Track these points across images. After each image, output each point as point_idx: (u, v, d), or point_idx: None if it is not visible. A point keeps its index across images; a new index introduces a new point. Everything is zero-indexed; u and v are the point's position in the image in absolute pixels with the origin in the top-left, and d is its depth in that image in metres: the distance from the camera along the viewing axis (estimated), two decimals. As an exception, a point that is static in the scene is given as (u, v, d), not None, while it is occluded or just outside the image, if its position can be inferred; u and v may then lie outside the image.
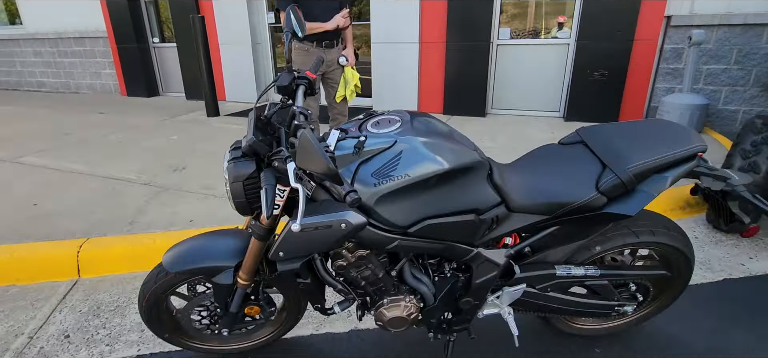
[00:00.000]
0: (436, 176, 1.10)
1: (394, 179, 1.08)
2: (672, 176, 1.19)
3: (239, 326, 1.48)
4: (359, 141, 1.12)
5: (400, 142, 1.11)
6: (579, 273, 1.37)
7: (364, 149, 1.11)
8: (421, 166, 1.09)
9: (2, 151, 4.05)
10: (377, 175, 1.09)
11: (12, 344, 1.75)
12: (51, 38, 7.94)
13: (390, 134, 1.14)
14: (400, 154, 1.10)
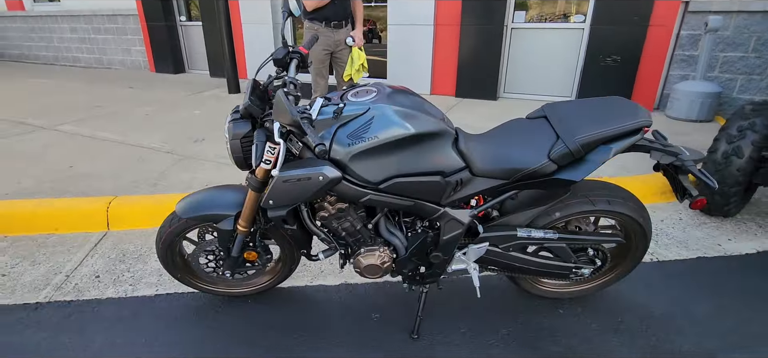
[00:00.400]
0: (403, 139, 1.27)
1: (365, 140, 1.26)
2: (616, 148, 1.32)
3: (240, 270, 1.71)
4: (338, 107, 1.30)
5: (373, 109, 1.29)
6: (538, 236, 1.52)
7: (342, 114, 1.29)
8: (389, 130, 1.26)
9: (43, 120, 4.43)
10: (351, 136, 1.27)
11: (52, 279, 2.04)
12: (86, 15, 8.37)
13: (365, 103, 1.31)
14: (372, 119, 1.27)
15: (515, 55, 5.18)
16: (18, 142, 3.73)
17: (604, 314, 1.78)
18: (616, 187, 1.59)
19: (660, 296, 1.89)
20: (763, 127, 2.18)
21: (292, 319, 1.77)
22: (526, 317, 1.77)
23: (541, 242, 1.54)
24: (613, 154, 1.32)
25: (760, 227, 2.43)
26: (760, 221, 2.48)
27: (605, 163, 1.38)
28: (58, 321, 1.78)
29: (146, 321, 1.77)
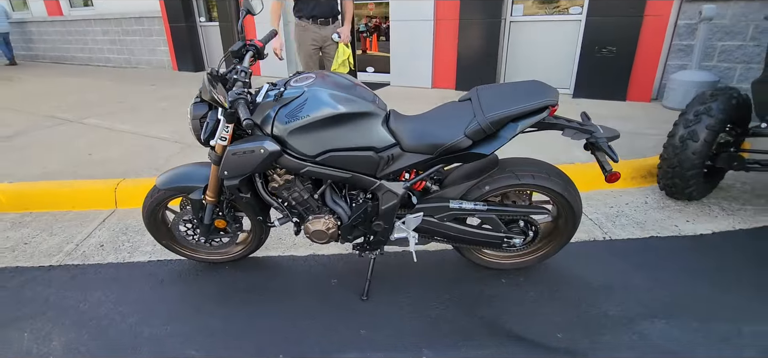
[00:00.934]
0: (333, 117, 1.47)
1: (300, 118, 1.47)
2: (522, 124, 1.47)
3: (213, 237, 1.95)
4: (279, 91, 1.51)
5: (308, 92, 1.49)
6: (469, 207, 1.69)
7: (282, 97, 1.51)
8: (321, 110, 1.46)
9: (71, 114, 4.87)
10: (289, 116, 1.48)
11: (64, 247, 2.35)
12: (116, 18, 8.96)
13: (302, 87, 1.52)
14: (306, 100, 1.48)
15: (514, 47, 5.26)
16: (48, 134, 4.15)
17: (543, 284, 1.92)
18: (543, 163, 1.74)
19: (601, 270, 2.01)
20: (718, 112, 2.24)
21: (262, 282, 2.01)
22: (469, 285, 1.93)
23: (472, 213, 1.70)
24: (519, 130, 1.47)
25: (724, 210, 2.48)
26: (725, 205, 2.53)
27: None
28: (65, 281, 2.08)
29: (138, 282, 2.04)
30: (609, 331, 1.65)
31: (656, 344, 1.58)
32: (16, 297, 1.96)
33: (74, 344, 1.67)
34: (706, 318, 1.69)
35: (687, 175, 2.34)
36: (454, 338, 1.64)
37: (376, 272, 2.01)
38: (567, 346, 1.58)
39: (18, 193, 2.83)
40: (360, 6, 6.15)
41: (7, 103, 5.72)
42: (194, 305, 1.87)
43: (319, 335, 1.67)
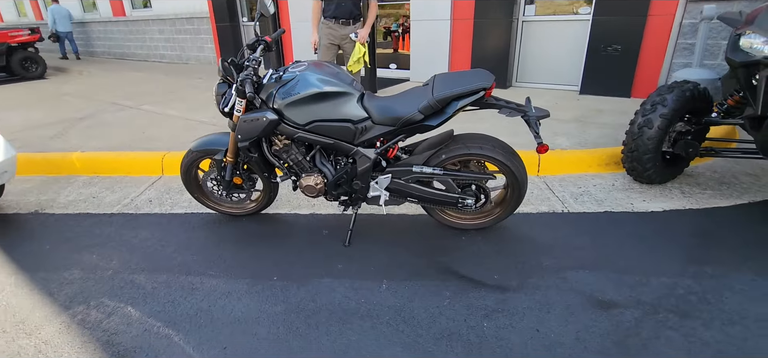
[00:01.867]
0: (316, 94, 1.93)
1: (293, 95, 1.95)
2: (462, 103, 1.87)
3: (232, 192, 2.47)
4: (279, 75, 2.00)
5: (299, 76, 1.97)
6: (428, 171, 2.10)
7: (281, 79, 1.99)
8: (308, 89, 1.93)
9: (130, 102, 5.67)
10: (285, 93, 1.96)
11: (122, 201, 2.98)
12: (170, 19, 9.93)
13: (295, 71, 1.99)
14: (298, 81, 1.95)
15: (526, 46, 5.52)
16: (111, 116, 4.92)
17: (496, 242, 2.29)
18: (492, 138, 2.12)
19: (551, 234, 2.35)
20: (672, 102, 2.50)
21: (268, 230, 2.51)
22: (432, 240, 2.34)
23: (430, 176, 2.11)
24: (459, 107, 1.88)
25: (683, 193, 2.72)
26: (686, 189, 2.77)
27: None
28: (121, 223, 2.68)
29: (175, 227, 2.61)
30: (537, 275, 2.01)
31: (573, 286, 1.92)
32: (88, 233, 2.58)
33: (127, 263, 2.24)
34: (623, 270, 2.01)
35: (643, 158, 2.61)
36: (409, 274, 2.06)
37: (361, 228, 2.46)
38: (498, 284, 1.96)
39: (89, 160, 3.52)
40: (398, 6, 6.60)
41: (79, 93, 6.66)
42: (215, 244, 2.40)
43: (305, 267, 2.14)
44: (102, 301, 1.96)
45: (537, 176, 3.07)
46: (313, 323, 1.77)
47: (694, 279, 1.94)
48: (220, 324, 1.79)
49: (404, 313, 1.82)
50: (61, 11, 11.14)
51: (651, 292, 1.87)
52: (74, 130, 4.40)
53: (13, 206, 2.98)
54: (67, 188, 3.27)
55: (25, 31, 9.15)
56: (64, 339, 1.74)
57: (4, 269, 2.25)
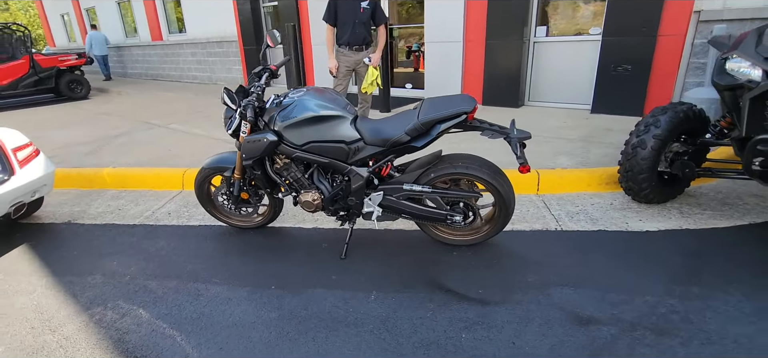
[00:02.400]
0: (312, 118, 2.10)
1: (290, 118, 2.13)
2: (445, 125, 1.99)
3: (241, 207, 2.66)
4: (279, 100, 2.19)
5: (297, 101, 2.15)
6: (417, 189, 2.22)
7: (281, 104, 2.18)
8: (304, 113, 2.11)
9: (160, 121, 6.07)
10: (284, 117, 2.14)
11: (144, 213, 3.23)
12: (202, 42, 10.54)
13: (294, 97, 2.18)
14: (296, 106, 2.13)
15: (538, 66, 5.58)
16: (142, 134, 5.30)
17: (485, 257, 2.37)
18: (478, 158, 2.22)
19: (541, 251, 2.41)
20: (666, 123, 2.53)
21: (272, 242, 2.68)
22: (424, 254, 2.44)
23: (420, 194, 2.23)
24: (442, 130, 2.00)
25: (682, 213, 2.72)
26: (685, 209, 2.76)
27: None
28: (142, 233, 2.92)
29: (189, 238, 2.82)
30: (521, 291, 2.07)
31: (555, 302, 1.98)
32: (112, 242, 2.83)
33: (143, 269, 2.46)
34: (608, 288, 2.04)
35: (638, 178, 2.63)
36: (398, 286, 2.17)
37: (358, 242, 2.59)
38: (481, 298, 2.04)
39: (118, 175, 3.83)
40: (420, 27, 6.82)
41: (117, 112, 7.17)
42: (223, 254, 2.58)
43: (302, 277, 2.29)
44: (118, 303, 2.16)
45: (535, 195, 3.13)
46: (303, 329, 1.91)
47: (679, 299, 1.96)
48: (219, 327, 1.95)
49: (388, 322, 1.92)
50: (98, 37, 12.20)
51: (632, 310, 1.91)
52: (108, 148, 4.78)
53: (50, 216, 3.29)
54: (98, 200, 3.57)
55: (73, 56, 9.93)
56: (82, 336, 1.94)
57: (38, 272, 2.51)
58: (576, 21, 5.26)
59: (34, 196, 2.95)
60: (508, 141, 2.00)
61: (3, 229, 3.10)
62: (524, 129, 2.03)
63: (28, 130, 6.01)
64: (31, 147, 2.99)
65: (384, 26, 4.16)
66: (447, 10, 5.86)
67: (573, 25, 5.28)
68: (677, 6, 4.28)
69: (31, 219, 3.26)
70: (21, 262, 2.63)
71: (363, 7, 3.94)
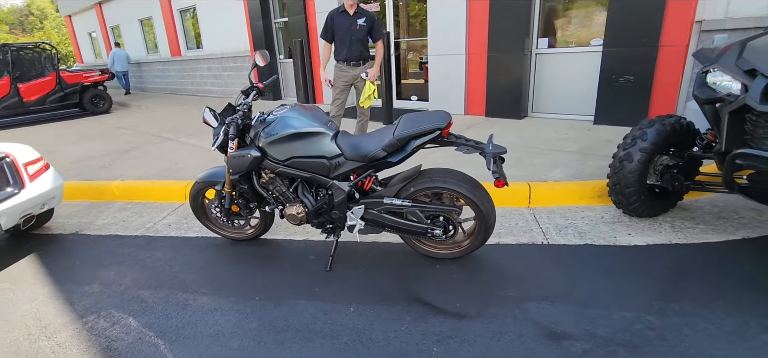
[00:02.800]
0: (293, 134, 2.18)
1: (273, 135, 2.21)
2: (419, 141, 2.03)
3: (233, 219, 2.75)
4: (263, 117, 2.27)
5: (279, 118, 2.23)
6: (397, 203, 2.26)
7: (265, 121, 2.26)
8: (285, 130, 2.19)
9: (172, 134, 6.29)
10: (267, 133, 2.23)
11: (146, 225, 3.37)
12: (217, 57, 10.87)
13: (276, 114, 2.26)
14: (278, 123, 2.22)
15: (541, 78, 5.56)
16: (153, 148, 5.51)
17: (467, 271, 2.38)
18: (457, 172, 2.25)
19: (523, 265, 2.41)
20: (653, 136, 2.51)
21: (263, 253, 2.76)
22: (407, 268, 2.47)
23: (400, 208, 2.27)
24: (417, 145, 2.04)
25: (674, 227, 2.67)
26: (678, 223, 2.71)
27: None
28: (142, 244, 3.04)
29: (185, 248, 2.93)
30: (498, 305, 2.08)
31: (531, 316, 1.98)
32: (113, 252, 2.96)
33: (138, 279, 2.56)
34: (586, 303, 2.03)
35: (626, 192, 2.61)
36: (377, 299, 2.20)
37: (344, 255, 2.64)
38: (458, 311, 2.06)
39: (125, 188, 3.99)
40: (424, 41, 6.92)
41: (133, 126, 7.47)
42: (214, 265, 2.67)
43: (286, 288, 2.35)
44: (110, 312, 2.27)
45: (526, 208, 3.12)
46: (280, 340, 1.96)
47: (658, 315, 1.94)
48: (202, 337, 2.03)
49: (364, 334, 1.96)
50: (121, 54, 12.90)
51: (608, 326, 1.89)
52: (120, 161, 4.99)
53: (59, 227, 3.46)
54: (105, 212, 3.73)
55: (96, 72, 10.39)
56: (74, 343, 2.05)
57: (41, 280, 2.65)
58: (577, 32, 5.24)
59: (44, 208, 3.11)
60: (483, 155, 2.03)
61: (13, 239, 3.28)
62: (521, 141, 2.07)
63: (49, 144, 6.34)
64: (41, 161, 3.16)
65: (381, 41, 4.25)
66: (449, 23, 5.92)
67: (574, 36, 5.26)
68: (678, 16, 4.23)
69: (41, 230, 3.43)
70: (27, 271, 2.78)
71: (359, 24, 4.03)
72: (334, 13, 4.08)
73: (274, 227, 3.02)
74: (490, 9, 5.48)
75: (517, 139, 4.63)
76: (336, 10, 4.09)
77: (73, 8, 17.74)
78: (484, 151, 2.04)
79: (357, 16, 4.05)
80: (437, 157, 2.73)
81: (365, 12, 4.13)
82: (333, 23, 4.06)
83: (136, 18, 13.85)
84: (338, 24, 4.04)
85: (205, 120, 2.33)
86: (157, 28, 12.89)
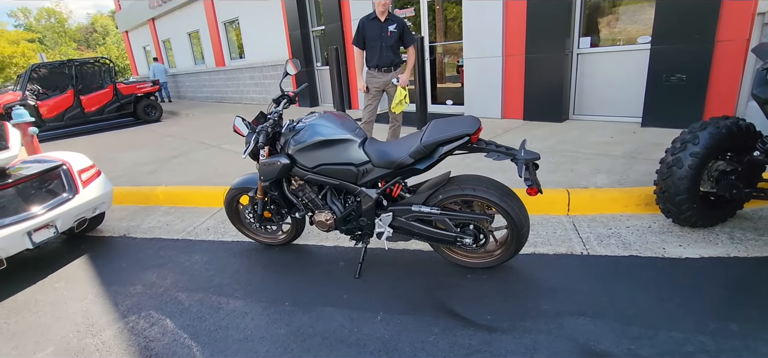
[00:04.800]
0: (321, 142, 2.19)
1: (302, 142, 2.23)
2: (447, 147, 1.97)
3: (264, 224, 2.80)
4: (293, 125, 2.30)
5: (308, 126, 2.25)
6: (426, 210, 2.21)
7: (294, 129, 2.29)
8: (313, 137, 2.20)
9: (214, 141, 6.57)
10: (296, 141, 2.26)
11: (187, 229, 3.51)
12: (258, 66, 11.26)
13: (306, 122, 2.28)
14: (306, 130, 2.24)
15: (583, 79, 5.31)
16: (196, 155, 5.76)
17: (500, 281, 2.29)
18: (487, 179, 2.17)
19: (560, 277, 2.28)
20: (705, 140, 2.30)
21: (293, 259, 2.79)
22: (437, 277, 2.40)
23: (428, 215, 2.22)
24: (445, 152, 1.99)
25: (732, 238, 2.44)
26: (738, 234, 2.47)
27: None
28: (182, 247, 3.17)
29: (221, 252, 3.02)
30: (531, 319, 1.98)
31: (567, 332, 1.87)
32: (156, 255, 3.11)
33: (176, 282, 2.67)
34: (629, 320, 1.89)
35: (676, 200, 2.41)
36: (405, 308, 2.16)
37: (374, 262, 2.62)
38: (489, 324, 1.98)
39: (169, 193, 4.19)
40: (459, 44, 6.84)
41: (180, 134, 7.86)
42: (247, 269, 2.74)
43: (315, 295, 2.36)
44: (150, 313, 2.37)
45: (565, 216, 2.97)
46: (306, 347, 1.97)
47: (712, 336, 1.77)
48: (232, 340, 2.07)
49: (389, 345, 1.93)
50: (160, 68, 14.44)
51: (654, 346, 1.75)
52: (166, 167, 5.26)
53: (109, 230, 3.69)
54: (151, 216, 3.93)
55: (148, 83, 11.09)
56: (116, 342, 2.15)
57: (92, 281, 2.82)
58: (622, 30, 4.96)
59: (95, 212, 3.32)
60: (514, 162, 1.94)
61: (69, 241, 3.52)
62: (561, 145, 1.97)
63: (104, 152, 6.81)
64: (93, 168, 3.38)
65: (413, 47, 4.21)
66: (485, 25, 5.79)
67: (619, 34, 4.98)
68: (736, 8, 3.89)
69: (94, 232, 3.67)
70: (80, 271, 2.97)
71: (390, 30, 4.02)
72: (365, 20, 4.10)
73: (306, 233, 3.05)
74: (527, 9, 5.31)
75: (556, 143, 4.43)
76: (367, 17, 4.11)
77: (129, 24, 19.04)
78: (516, 157, 1.95)
79: (388, 22, 4.04)
80: (476, 164, 2.65)
81: (396, 18, 4.12)
82: (364, 30, 4.08)
83: (185, 31, 14.64)
84: (369, 31, 4.06)
85: (236, 128, 2.40)
86: (204, 40, 13.55)
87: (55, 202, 2.99)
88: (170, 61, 16.96)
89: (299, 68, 2.64)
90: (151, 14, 15.91)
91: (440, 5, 6.82)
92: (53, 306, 2.55)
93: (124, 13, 19.13)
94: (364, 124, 4.27)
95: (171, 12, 14.82)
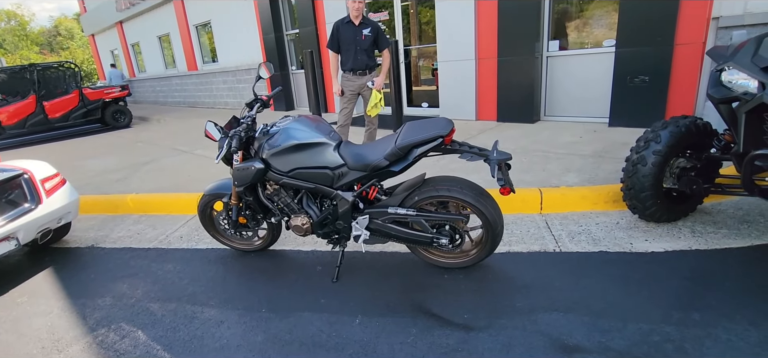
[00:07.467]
0: (295, 145, 2.18)
1: (276, 147, 2.21)
2: (421, 149, 2.00)
3: (239, 230, 2.76)
4: (267, 129, 2.28)
5: (281, 130, 2.23)
6: (402, 212, 2.22)
7: (268, 133, 2.27)
8: (287, 141, 2.19)
9: (186, 147, 6.41)
10: (270, 145, 2.23)
11: (159, 237, 3.42)
12: (232, 70, 11.07)
13: (280, 126, 2.26)
14: (280, 134, 2.22)
15: (553, 81, 5.46)
16: (168, 161, 5.61)
17: (476, 280, 2.33)
18: (461, 180, 2.21)
19: (533, 274, 2.34)
20: (667, 137, 2.41)
21: (270, 265, 2.76)
22: (415, 278, 2.42)
23: (405, 217, 2.23)
24: (419, 154, 2.01)
25: (694, 232, 2.56)
26: (698, 228, 2.60)
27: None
28: (154, 257, 3.08)
29: (196, 260, 2.95)
30: (507, 316, 2.02)
31: (541, 328, 1.91)
32: (126, 265, 3.01)
33: (148, 292, 2.59)
34: (599, 314, 1.95)
35: (641, 196, 2.51)
36: (384, 310, 2.17)
37: (352, 265, 2.62)
38: (465, 323, 2.00)
39: (140, 201, 4.07)
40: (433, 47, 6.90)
41: (150, 140, 7.64)
42: (222, 276, 2.68)
43: (292, 300, 2.33)
44: (120, 325, 2.29)
45: (538, 214, 3.05)
46: (284, 353, 1.95)
47: (677, 326, 1.85)
48: (207, 350, 2.02)
49: (368, 347, 1.93)
50: (116, 73, 14.13)
51: (623, 338, 1.81)
52: (136, 174, 5.10)
53: (76, 240, 3.54)
54: (120, 225, 3.80)
55: (117, 88, 10.72)
56: (84, 357, 2.07)
57: (57, 294, 2.70)
58: (589, 34, 5.14)
59: (60, 222, 3.19)
60: (487, 162, 1.98)
61: (32, 254, 3.37)
62: (533, 146, 2.00)
63: (70, 159, 6.54)
64: (58, 177, 3.25)
65: (388, 51, 4.24)
66: (458, 29, 5.88)
67: (586, 37, 5.16)
68: (693, 13, 4.09)
69: (59, 244, 3.52)
70: (44, 285, 2.84)
71: (365, 34, 4.04)
72: (339, 24, 4.10)
73: (283, 238, 3.02)
74: (498, 14, 5.43)
75: (529, 143, 4.54)
76: (341, 20, 4.11)
77: (95, 27, 18.38)
78: (488, 157, 1.99)
79: (362, 26, 4.06)
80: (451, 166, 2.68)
81: (370, 22, 4.14)
82: (338, 33, 4.08)
83: (155, 35, 14.26)
84: (343, 34, 4.06)
85: (207, 133, 2.36)
86: (175, 44, 13.22)
87: (15, 213, 2.85)
88: (140, 65, 16.48)
89: (272, 72, 2.62)
90: (119, 17, 15.42)
91: (414, 9, 6.89)
92: (16, 323, 2.44)
93: (89, 15, 18.47)
94: (339, 127, 4.27)
95: (140, 15, 14.41)
